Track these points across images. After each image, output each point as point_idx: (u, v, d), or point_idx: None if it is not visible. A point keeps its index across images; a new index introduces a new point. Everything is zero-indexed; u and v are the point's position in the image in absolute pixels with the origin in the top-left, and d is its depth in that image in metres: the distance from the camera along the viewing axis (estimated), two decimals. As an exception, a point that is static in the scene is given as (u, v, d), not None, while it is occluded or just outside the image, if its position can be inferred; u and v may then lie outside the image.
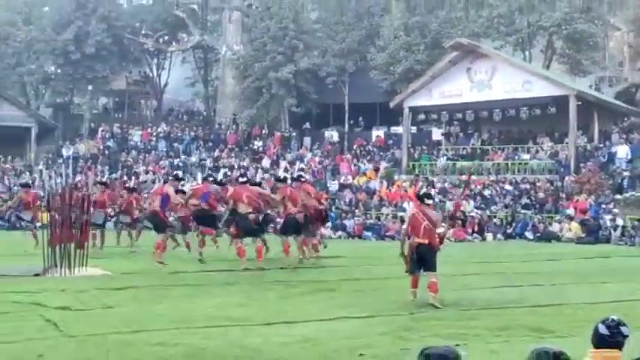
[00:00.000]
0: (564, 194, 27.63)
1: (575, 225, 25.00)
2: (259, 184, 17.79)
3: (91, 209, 20.09)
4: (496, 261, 15.88)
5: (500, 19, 33.83)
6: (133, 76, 46.17)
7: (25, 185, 21.80)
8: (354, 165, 34.00)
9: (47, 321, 8.84)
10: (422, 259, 10.73)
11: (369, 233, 27.45)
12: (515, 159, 31.09)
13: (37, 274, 13.52)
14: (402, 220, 23.84)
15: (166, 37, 44.23)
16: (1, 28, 41.05)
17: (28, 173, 35.49)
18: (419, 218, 10.96)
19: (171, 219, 17.31)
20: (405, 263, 10.92)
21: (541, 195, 27.78)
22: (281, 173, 23.79)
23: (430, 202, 11.51)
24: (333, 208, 27.73)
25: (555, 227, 25.55)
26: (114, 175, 35.05)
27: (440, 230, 11.09)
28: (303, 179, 17.34)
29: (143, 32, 43.44)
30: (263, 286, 12.39)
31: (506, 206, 27.59)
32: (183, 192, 17.43)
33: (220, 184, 18.01)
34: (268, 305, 10.32)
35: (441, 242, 11.03)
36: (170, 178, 18.44)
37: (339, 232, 26.77)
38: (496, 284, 12.65)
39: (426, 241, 10.78)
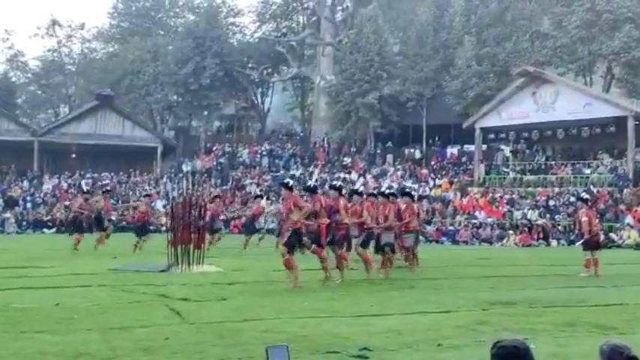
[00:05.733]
0: (624, 205, 26.52)
1: (634, 232, 23.95)
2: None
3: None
4: (560, 264, 15.37)
5: (563, 49, 32.87)
6: (241, 103, 47.04)
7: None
8: (432, 178, 33.69)
9: (171, 310, 9.02)
10: (598, 243, 14.49)
11: (444, 238, 27.13)
12: (577, 173, 30.09)
13: (162, 270, 13.88)
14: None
15: (269, 70, 44.98)
16: (134, 64, 42.50)
17: (154, 185, 36.67)
18: (592, 215, 14.60)
19: None
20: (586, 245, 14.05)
21: (601, 206, 26.72)
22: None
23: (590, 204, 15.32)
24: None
25: (615, 235, 24.53)
26: (224, 187, 35.85)
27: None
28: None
29: (250, 66, 44.36)
30: (352, 283, 12.34)
31: (569, 215, 26.68)
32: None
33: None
34: (356, 300, 10.26)
35: None
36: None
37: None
38: (561, 285, 12.22)
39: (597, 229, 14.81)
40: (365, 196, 14.96)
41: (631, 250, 22.26)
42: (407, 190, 17.00)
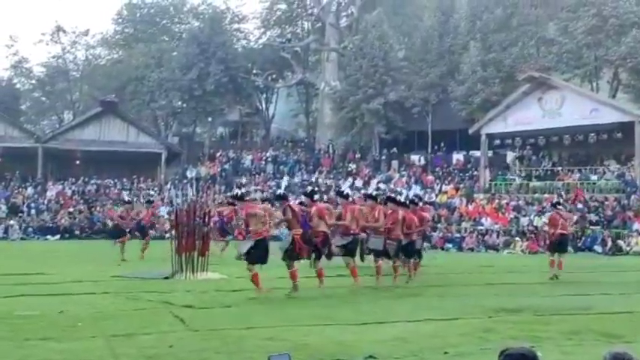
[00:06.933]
0: (631, 211, 26.44)
1: (641, 239, 23.88)
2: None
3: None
4: (567, 272, 15.31)
5: (569, 54, 32.81)
6: (246, 109, 47.12)
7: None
8: (437, 184, 33.65)
9: (175, 317, 9.02)
10: (560, 244, 14.55)
11: (450, 245, 27.07)
12: (584, 179, 30.02)
13: (166, 277, 13.91)
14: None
15: (274, 76, 45.03)
16: (138, 70, 42.65)
17: (158, 191, 36.68)
18: (557, 218, 14.65)
19: None
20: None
21: (609, 212, 26.65)
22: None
23: (560, 207, 15.37)
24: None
25: (623, 241, 24.44)
26: (228, 194, 35.79)
27: (570, 229, 15.97)
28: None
29: (254, 72, 44.47)
30: (356, 291, 12.31)
31: (575, 222, 26.57)
32: None
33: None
34: (361, 307, 10.22)
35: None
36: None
37: (424, 244, 26.38)
38: (567, 292, 12.18)
39: (565, 232, 14.70)
40: (352, 199, 14.26)
41: (638, 257, 22.16)
42: (392, 195, 16.58)
